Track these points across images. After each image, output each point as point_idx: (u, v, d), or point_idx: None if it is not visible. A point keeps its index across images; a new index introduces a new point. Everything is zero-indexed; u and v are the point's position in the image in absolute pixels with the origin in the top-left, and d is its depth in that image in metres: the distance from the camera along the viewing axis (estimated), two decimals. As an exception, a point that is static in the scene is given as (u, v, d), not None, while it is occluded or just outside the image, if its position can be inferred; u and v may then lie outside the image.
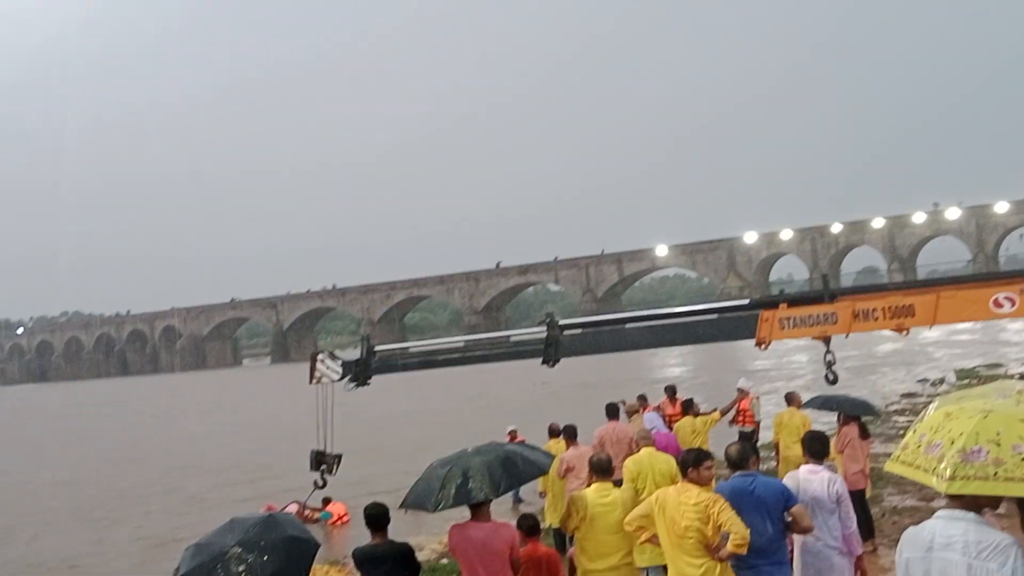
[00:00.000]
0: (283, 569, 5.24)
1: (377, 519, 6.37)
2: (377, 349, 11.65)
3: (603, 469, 6.87)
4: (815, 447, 6.66)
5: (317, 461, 11.47)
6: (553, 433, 12.01)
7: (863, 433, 10.36)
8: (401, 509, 6.67)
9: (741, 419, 14.30)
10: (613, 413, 11.50)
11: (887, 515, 11.59)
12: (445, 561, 11.28)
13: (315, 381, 11.21)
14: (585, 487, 7.41)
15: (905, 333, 9.21)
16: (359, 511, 6.97)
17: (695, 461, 6.07)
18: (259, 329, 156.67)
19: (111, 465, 27.46)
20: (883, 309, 9.06)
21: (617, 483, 7.28)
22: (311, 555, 5.57)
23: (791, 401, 12.11)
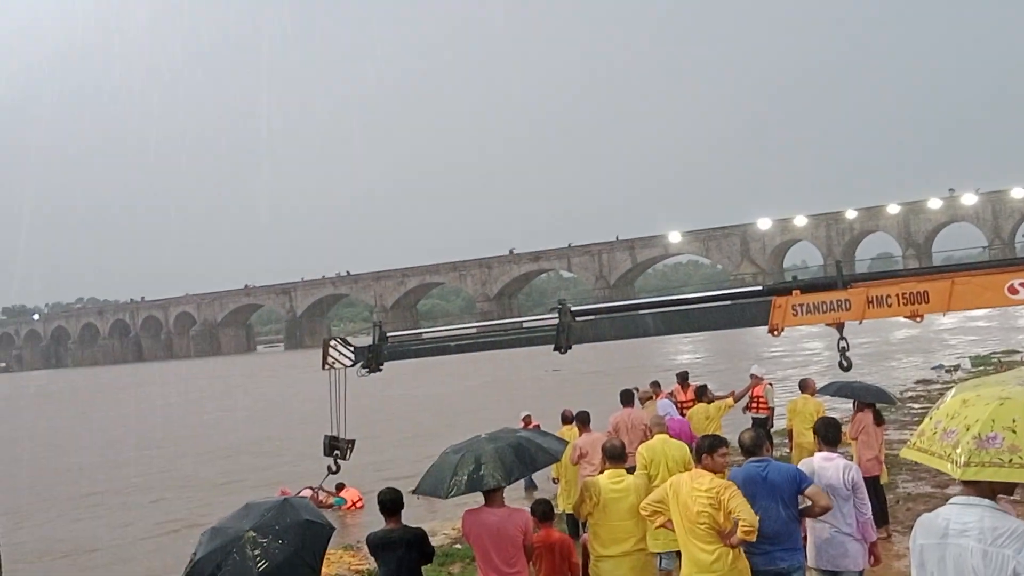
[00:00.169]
0: (298, 552, 5.28)
1: (391, 504, 6.41)
2: (389, 335, 11.70)
3: (616, 455, 6.87)
4: (828, 434, 6.65)
5: (331, 446, 11.53)
6: (566, 419, 12.01)
7: (877, 420, 10.33)
8: (414, 494, 6.71)
9: (755, 406, 14.27)
10: (628, 400, 11.50)
11: (901, 502, 11.56)
12: (459, 546, 11.32)
13: (328, 367, 11.26)
14: (598, 473, 7.42)
15: (919, 319, 9.17)
16: (373, 496, 7.01)
17: (709, 448, 6.07)
18: (273, 316, 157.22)
19: (125, 450, 27.57)
20: (897, 296, 9.01)
21: (630, 470, 7.29)
22: (326, 539, 5.61)
23: (805, 388, 12.08)
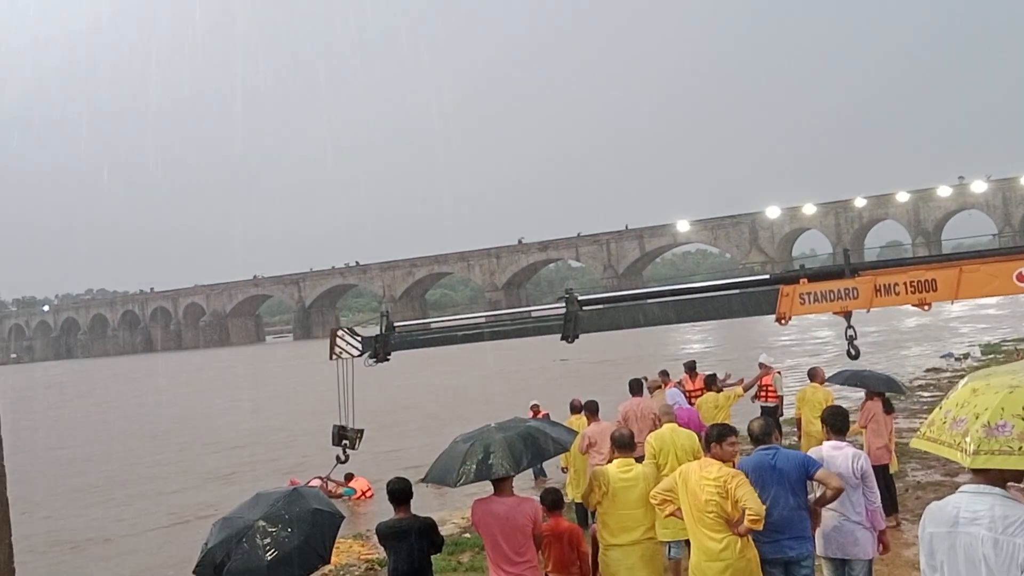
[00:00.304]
0: (308, 541, 5.32)
1: (400, 494, 6.43)
2: (397, 325, 11.71)
3: (625, 444, 6.88)
4: (835, 422, 6.64)
5: (339, 436, 11.56)
6: (575, 409, 12.02)
7: (887, 408, 10.31)
8: (423, 483, 6.72)
9: (764, 394, 14.28)
10: (637, 389, 11.49)
11: (911, 490, 11.55)
12: (468, 535, 11.34)
13: (335, 357, 11.28)
14: (607, 462, 7.43)
15: (927, 308, 9.15)
16: (382, 486, 7.02)
17: (718, 436, 6.08)
18: (282, 306, 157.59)
19: (134, 442, 27.70)
20: (905, 284, 8.98)
21: (639, 459, 7.29)
22: (335, 527, 5.65)
23: (814, 376, 12.06)
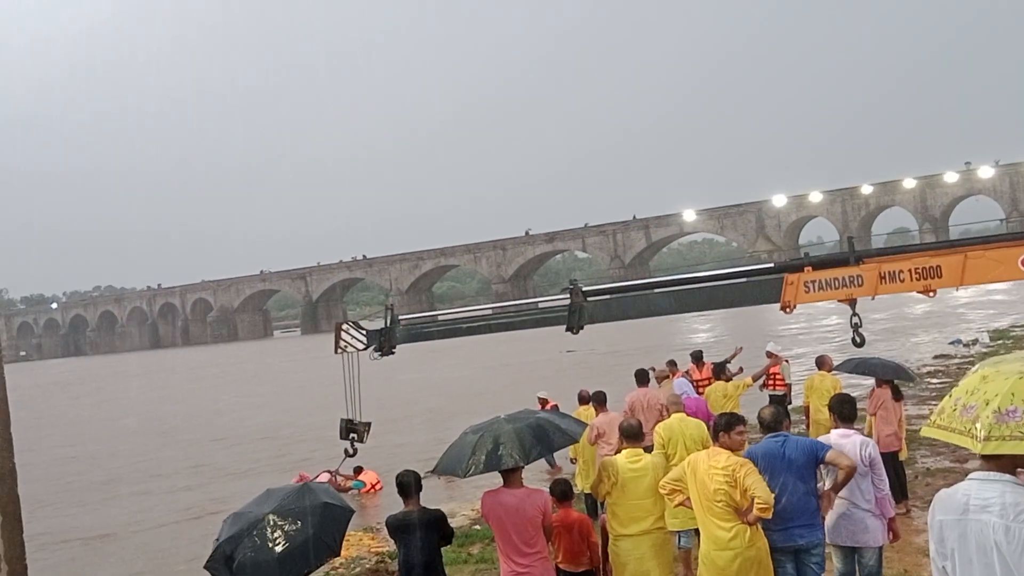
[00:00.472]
0: (318, 533, 5.34)
1: (409, 486, 6.44)
2: (401, 318, 11.71)
3: (634, 435, 6.88)
4: (843, 410, 6.64)
5: (347, 430, 11.57)
6: (582, 400, 12.03)
7: (896, 395, 10.30)
8: (432, 475, 6.73)
9: (772, 383, 14.25)
10: (643, 379, 11.50)
11: (920, 477, 11.54)
12: (478, 527, 11.37)
13: (340, 351, 11.29)
14: (615, 453, 7.43)
15: (932, 295, 9.12)
16: (391, 479, 7.04)
17: (726, 425, 6.07)
18: (289, 301, 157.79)
19: (143, 438, 27.77)
20: (910, 271, 8.96)
21: (647, 449, 7.29)
22: (346, 521, 5.67)
23: (821, 365, 12.05)
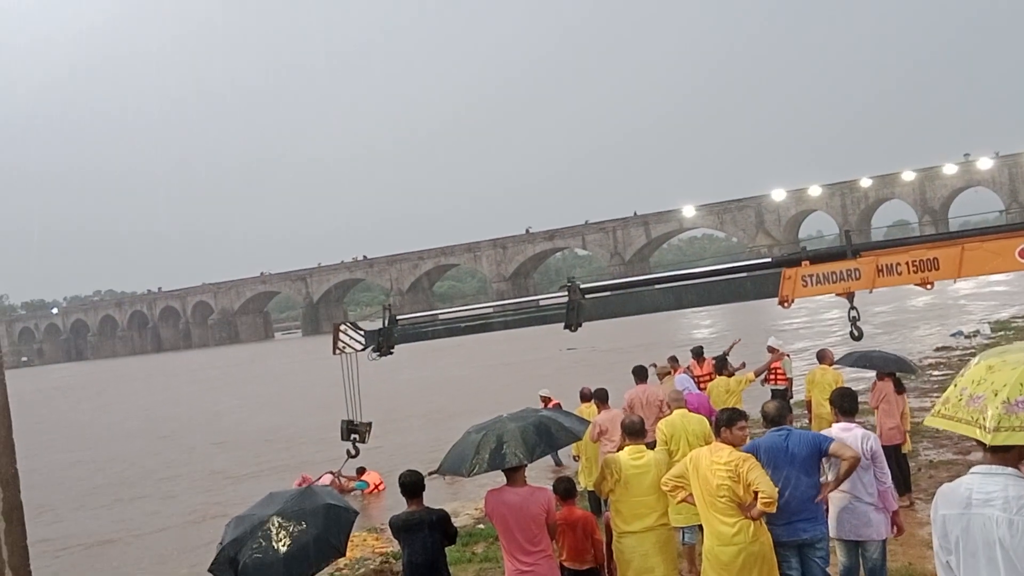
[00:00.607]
0: (323, 534, 5.34)
1: (412, 487, 6.44)
2: (399, 318, 11.71)
3: (636, 431, 6.88)
4: (843, 404, 6.64)
5: (348, 431, 11.58)
6: (584, 397, 12.02)
7: (898, 388, 10.29)
8: (435, 475, 6.72)
9: (773, 377, 14.26)
10: (641, 376, 11.48)
11: (923, 469, 11.53)
12: (482, 526, 11.38)
13: (338, 352, 11.29)
14: (618, 450, 7.42)
15: (930, 287, 9.12)
16: (394, 480, 7.03)
17: (727, 421, 6.07)
18: (290, 302, 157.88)
19: (144, 442, 27.73)
20: (907, 263, 8.96)
21: (650, 445, 7.29)
22: (350, 522, 5.67)
23: (823, 359, 12.04)
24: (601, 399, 10.80)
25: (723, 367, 13.21)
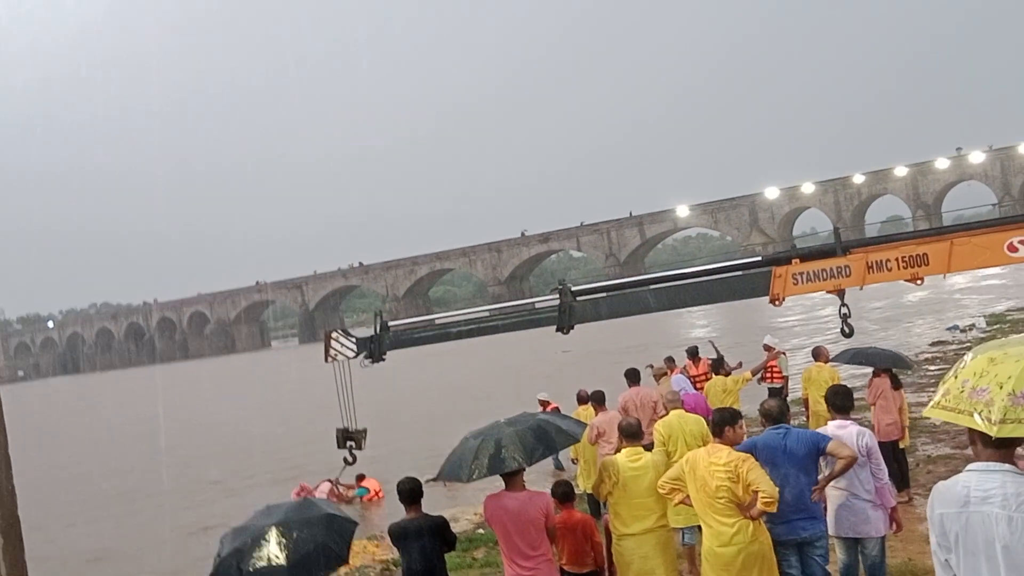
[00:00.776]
0: (326, 542, 5.32)
1: (410, 493, 6.43)
2: (391, 324, 11.70)
3: (633, 433, 6.87)
4: (838, 401, 6.66)
5: (344, 438, 11.57)
6: (581, 400, 12.02)
7: (895, 384, 10.30)
8: (434, 481, 6.71)
9: (769, 375, 14.26)
10: (634, 378, 11.47)
11: (921, 464, 11.54)
12: (482, 532, 11.36)
13: (331, 359, 11.28)
14: (616, 452, 7.42)
15: (920, 282, 9.14)
16: (392, 487, 7.02)
17: (724, 421, 6.07)
18: (286, 311, 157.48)
19: (140, 455, 27.57)
20: (896, 259, 8.99)
21: (648, 447, 7.28)
22: (350, 532, 5.65)
23: (818, 356, 12.06)
24: (598, 401, 10.80)
25: (720, 366, 13.21)
